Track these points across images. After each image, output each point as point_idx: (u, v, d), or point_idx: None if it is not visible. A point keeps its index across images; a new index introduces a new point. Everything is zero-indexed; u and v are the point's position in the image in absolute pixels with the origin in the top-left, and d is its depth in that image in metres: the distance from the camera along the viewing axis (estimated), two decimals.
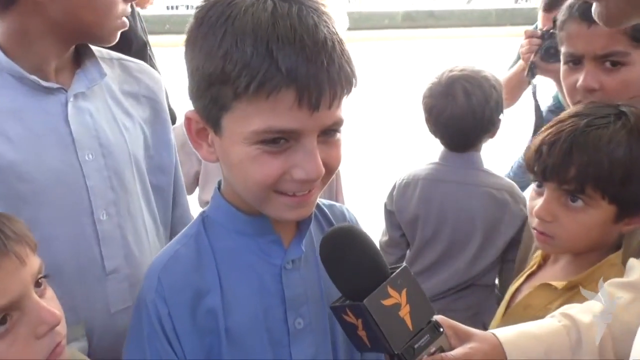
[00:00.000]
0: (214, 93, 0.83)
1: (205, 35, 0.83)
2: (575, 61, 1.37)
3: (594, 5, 0.56)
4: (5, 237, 0.85)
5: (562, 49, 1.41)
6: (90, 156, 1.13)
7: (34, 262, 0.89)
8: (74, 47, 1.17)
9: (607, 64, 1.32)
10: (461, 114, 1.73)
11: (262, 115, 0.80)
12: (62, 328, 0.90)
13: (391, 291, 0.84)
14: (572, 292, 1.18)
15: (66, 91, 1.13)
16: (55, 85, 1.11)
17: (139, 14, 2.48)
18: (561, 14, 1.41)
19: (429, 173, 1.85)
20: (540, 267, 1.35)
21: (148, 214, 1.26)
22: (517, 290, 1.34)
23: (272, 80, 0.78)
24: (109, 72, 1.22)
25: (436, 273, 1.83)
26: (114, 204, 1.16)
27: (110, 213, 1.15)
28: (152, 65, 2.38)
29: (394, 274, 0.85)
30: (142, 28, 2.40)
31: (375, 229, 2.00)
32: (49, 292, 0.92)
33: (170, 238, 1.32)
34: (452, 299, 1.81)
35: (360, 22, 16.19)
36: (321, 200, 1.07)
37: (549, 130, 1.23)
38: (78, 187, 1.12)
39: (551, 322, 1.01)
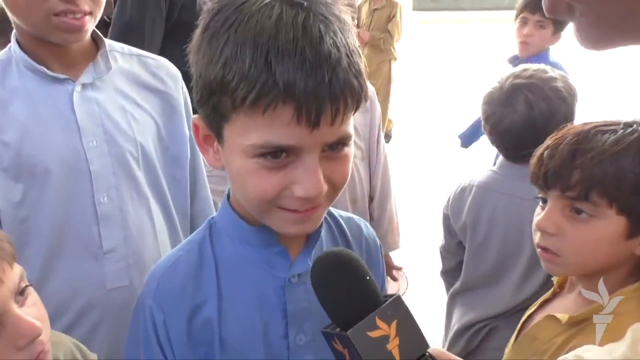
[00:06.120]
0: (215, 102, 0.80)
1: (209, 41, 0.80)
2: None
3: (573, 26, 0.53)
4: None
5: None
6: (95, 142, 1.22)
7: (13, 276, 0.87)
8: (91, 42, 1.27)
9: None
10: (521, 125, 1.57)
11: (260, 129, 0.77)
12: (44, 336, 0.89)
13: (379, 322, 0.78)
14: (576, 328, 1.10)
15: (74, 82, 1.23)
16: (62, 76, 1.22)
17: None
18: None
19: (482, 180, 1.72)
20: (555, 294, 1.25)
21: (155, 201, 1.33)
22: (530, 317, 1.26)
23: (269, 94, 0.74)
24: (126, 66, 1.32)
25: (489, 287, 1.71)
26: (115, 188, 1.24)
27: (112, 196, 1.24)
28: None
29: (385, 304, 0.79)
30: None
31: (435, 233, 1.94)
32: (32, 298, 0.91)
33: (192, 230, 1.39)
34: (508, 320, 1.64)
35: None
36: (338, 212, 1.03)
37: (552, 138, 1.16)
38: (81, 171, 1.21)
39: None
